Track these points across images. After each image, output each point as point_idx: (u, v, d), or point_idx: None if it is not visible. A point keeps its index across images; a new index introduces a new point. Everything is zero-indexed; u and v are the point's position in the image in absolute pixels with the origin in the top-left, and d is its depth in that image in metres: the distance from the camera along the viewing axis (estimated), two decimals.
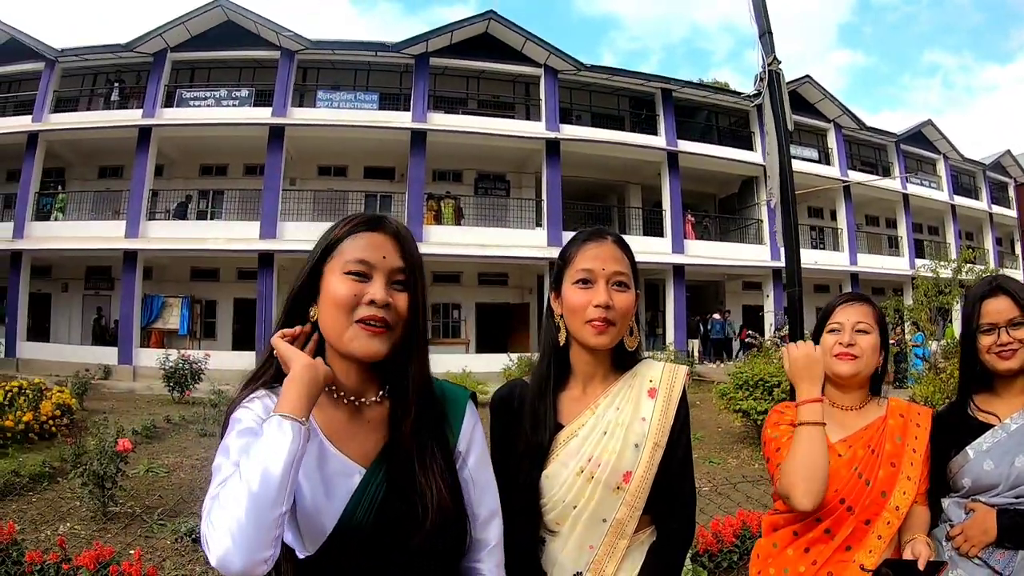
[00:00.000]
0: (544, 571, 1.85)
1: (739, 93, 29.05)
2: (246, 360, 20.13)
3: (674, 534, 1.91)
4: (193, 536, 5.56)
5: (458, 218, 23.83)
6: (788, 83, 23.41)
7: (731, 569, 5.05)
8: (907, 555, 1.98)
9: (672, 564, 1.92)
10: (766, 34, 6.26)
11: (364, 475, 1.46)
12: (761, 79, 6.42)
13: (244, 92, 22.89)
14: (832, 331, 2.24)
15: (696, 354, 25.34)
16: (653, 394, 1.91)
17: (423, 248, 12.39)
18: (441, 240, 22.01)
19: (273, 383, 1.50)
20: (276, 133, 21.89)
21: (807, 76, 29.55)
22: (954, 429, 2.28)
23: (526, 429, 1.87)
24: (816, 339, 2.29)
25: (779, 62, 6.36)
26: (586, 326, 1.82)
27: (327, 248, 1.51)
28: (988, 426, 2.23)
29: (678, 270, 24.93)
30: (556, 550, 1.84)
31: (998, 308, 2.22)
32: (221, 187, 24.17)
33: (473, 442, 1.67)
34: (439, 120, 22.85)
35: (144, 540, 5.68)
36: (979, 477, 2.15)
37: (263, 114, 22.06)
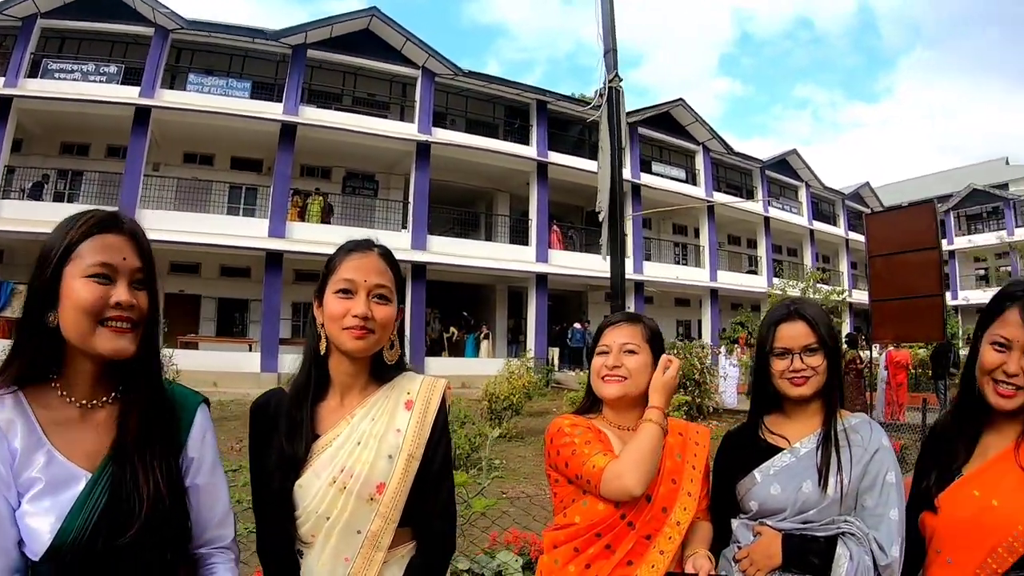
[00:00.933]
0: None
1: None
2: None
3: (432, 547, 1.94)
4: None
5: (325, 216, 23.46)
6: (660, 104, 24.35)
7: None
8: (688, 569, 2.04)
9: (432, 575, 1.95)
10: (610, 52, 6.49)
11: (89, 479, 1.47)
12: (601, 95, 6.69)
13: (113, 68, 21.69)
14: (601, 353, 2.25)
15: (555, 362, 25.86)
16: (410, 406, 1.95)
17: (284, 245, 12.58)
18: (304, 238, 21.66)
19: (15, 382, 1.50)
20: (143, 114, 20.83)
21: (680, 99, 30.84)
22: (744, 450, 2.29)
23: (282, 438, 1.87)
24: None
25: (620, 80, 6.63)
26: (344, 332, 1.85)
27: (65, 251, 1.50)
28: (778, 449, 2.22)
29: (541, 279, 25.44)
30: (312, 562, 1.84)
31: (793, 333, 2.21)
32: (81, 168, 23.00)
33: (204, 447, 1.71)
34: (311, 114, 22.49)
35: None
36: (765, 501, 2.17)
37: (131, 93, 20.89)
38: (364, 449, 1.85)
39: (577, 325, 27.05)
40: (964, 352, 17.91)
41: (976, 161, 55.40)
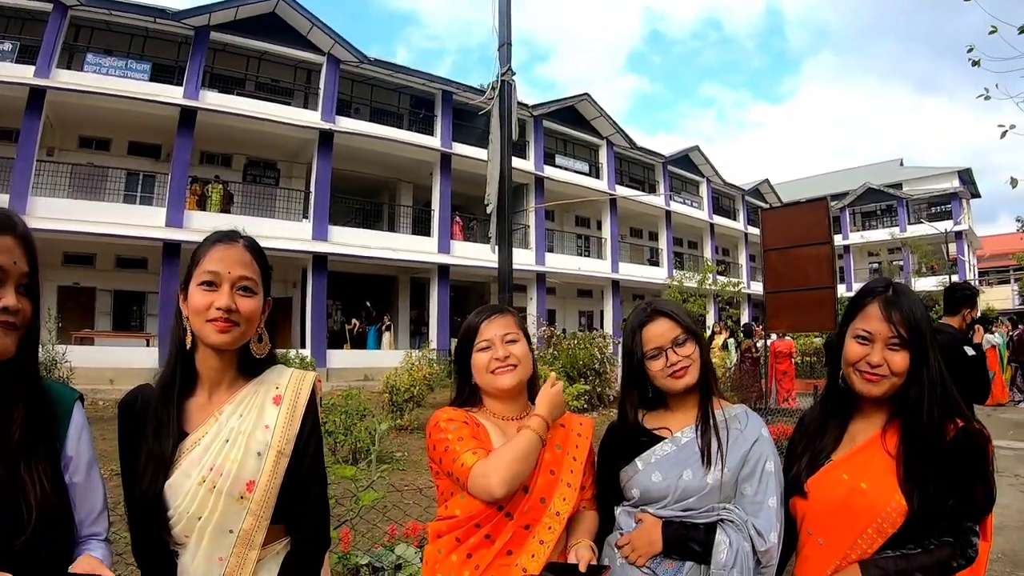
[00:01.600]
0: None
1: (522, 104, 30.34)
2: None
3: (307, 543, 1.92)
4: None
5: (225, 205, 22.83)
6: (566, 99, 24.73)
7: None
8: (571, 559, 2.05)
9: (308, 573, 1.94)
10: (504, 46, 6.59)
11: None
12: (493, 87, 6.74)
13: (7, 45, 20.54)
14: (483, 349, 2.23)
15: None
16: (278, 401, 1.93)
17: (182, 235, 13.14)
18: (203, 227, 18.48)
19: None
20: (37, 96, 19.67)
21: (585, 94, 31.43)
22: (627, 439, 2.31)
23: (148, 437, 1.81)
24: (466, 357, 2.30)
25: (513, 73, 6.74)
26: (207, 324, 1.81)
27: None
28: (660, 438, 2.26)
29: (443, 270, 25.59)
30: (187, 563, 1.80)
31: (659, 331, 2.25)
32: None
33: (81, 445, 1.68)
34: (213, 99, 21.92)
35: None
36: (647, 489, 2.20)
37: (25, 72, 19.71)
38: (233, 447, 1.82)
39: None
40: None
41: (872, 162, 57.78)
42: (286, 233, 22.44)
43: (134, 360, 19.18)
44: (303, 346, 22.58)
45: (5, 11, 21.04)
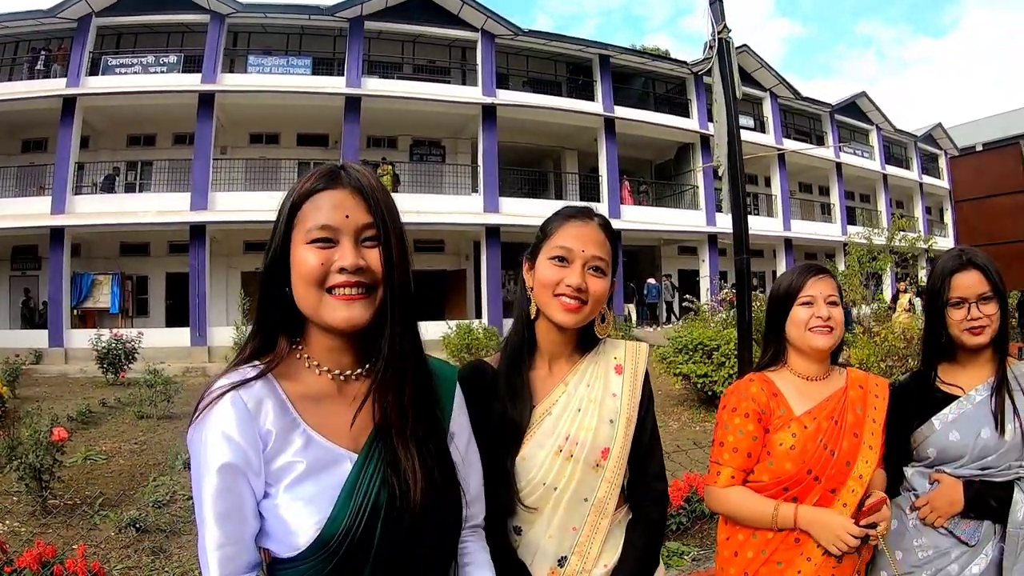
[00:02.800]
0: (520, 560, 1.81)
1: (677, 60, 29.69)
2: (180, 337, 19.87)
3: (652, 509, 1.91)
4: (137, 526, 5.45)
5: (395, 185, 22.68)
6: None
7: (680, 531, 5.15)
8: (869, 502, 2.04)
9: (654, 538, 1.92)
10: (716, 1, 6.16)
11: (356, 461, 1.35)
12: (711, 47, 6.30)
13: (172, 58, 22.02)
14: (805, 304, 2.22)
15: (632, 317, 25.57)
16: (620, 371, 1.92)
17: None
18: None
19: (256, 357, 1.40)
20: (206, 100, 21.08)
21: (745, 45, 30.02)
22: (918, 399, 2.31)
23: (503, 405, 1.81)
24: (780, 312, 2.30)
25: (729, 30, 6.28)
26: (554, 300, 1.78)
27: (289, 215, 1.37)
28: (952, 397, 2.27)
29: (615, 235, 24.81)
30: (537, 535, 1.80)
31: (969, 283, 2.23)
32: (150, 158, 23.32)
33: (463, 419, 1.62)
34: (374, 85, 22.44)
35: (87, 533, 5.52)
36: (945, 448, 2.19)
37: (192, 80, 21.19)
38: (585, 415, 1.80)
39: (651, 280, 26.79)
40: None
41: None
42: (457, 208, 22.99)
43: None
44: (479, 316, 22.84)
45: (165, 27, 22.81)
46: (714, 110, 6.51)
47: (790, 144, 32.06)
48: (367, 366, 1.44)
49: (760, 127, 31.87)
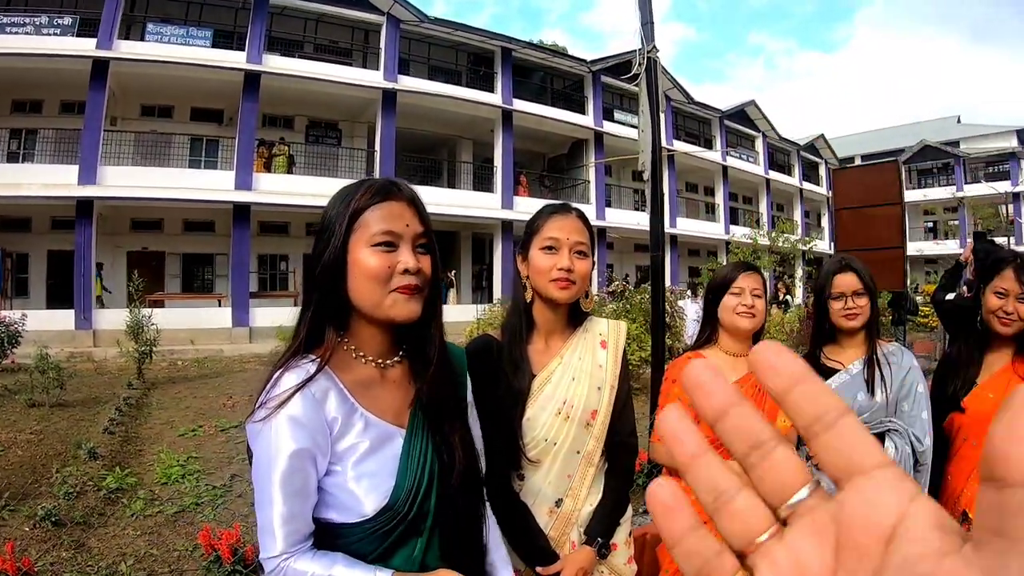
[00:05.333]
0: (523, 502, 2.15)
1: (577, 58, 30.16)
2: (63, 319, 18.47)
3: (626, 458, 2.30)
4: (53, 519, 5.30)
5: (289, 166, 22.80)
6: (624, 53, 24.25)
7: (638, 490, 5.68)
8: None
9: (627, 482, 2.34)
10: (648, 23, 6.67)
11: (405, 436, 1.57)
12: (640, 64, 6.81)
13: (67, 20, 20.19)
14: (735, 294, 2.72)
15: None
16: (604, 345, 2.28)
17: (252, 197, 12.42)
18: (271, 189, 21.09)
19: (309, 349, 1.55)
20: (100, 68, 19.56)
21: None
22: None
23: (507, 375, 2.13)
24: (715, 299, 2.80)
25: (657, 50, 6.79)
26: (551, 283, 2.10)
27: (350, 220, 1.53)
28: (835, 371, 2.88)
29: (507, 225, 25.53)
30: (538, 481, 2.14)
31: (846, 281, 2.86)
32: (35, 126, 21.50)
33: (470, 393, 1.86)
34: (275, 63, 21.78)
35: None
36: None
37: (87, 46, 19.57)
38: (578, 383, 2.17)
39: None
40: (918, 299, 18.45)
41: (928, 118, 56.73)
42: None
43: (211, 320, 19.60)
44: None
45: None
46: (640, 120, 7.09)
47: (680, 146, 33.27)
48: (401, 353, 1.66)
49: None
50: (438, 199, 23.86)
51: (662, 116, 26.09)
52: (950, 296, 3.73)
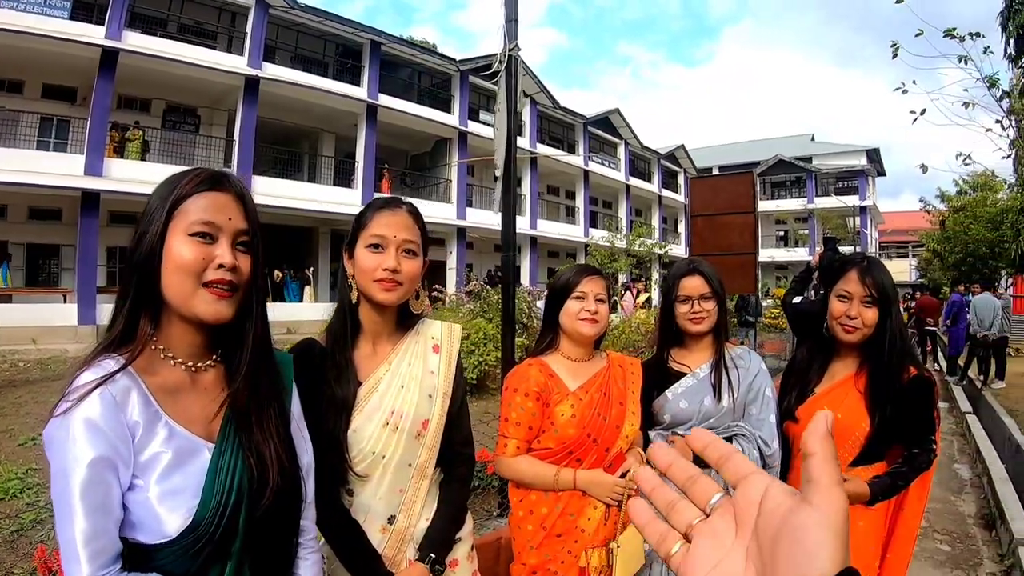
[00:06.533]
0: (354, 520, 2.03)
1: (446, 56, 30.41)
2: None
3: (461, 469, 2.26)
4: None
5: (143, 152, 21.46)
6: (492, 55, 24.34)
7: (477, 490, 6.08)
8: (626, 464, 2.60)
9: (463, 494, 2.28)
10: (512, 21, 6.63)
11: (214, 449, 1.44)
12: (501, 62, 6.78)
13: None
14: (578, 298, 2.65)
15: None
16: (437, 350, 2.20)
17: (102, 184, 15.00)
18: (123, 176, 19.50)
19: (121, 345, 1.43)
20: None
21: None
22: (656, 376, 2.87)
23: (330, 383, 2.00)
24: (557, 304, 2.73)
25: (519, 49, 6.79)
26: (375, 284, 2.00)
27: (171, 208, 1.43)
28: (683, 374, 2.84)
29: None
30: (368, 497, 2.04)
31: (693, 284, 2.82)
32: None
33: (296, 401, 1.74)
34: (135, 41, 20.48)
35: None
36: (676, 414, 2.78)
37: None
38: (408, 391, 2.09)
39: None
40: (767, 303, 20.10)
41: (784, 134, 59.74)
42: None
43: (54, 318, 18.29)
44: None
45: None
46: (496, 118, 7.09)
47: (544, 148, 34.28)
48: (215, 357, 1.54)
49: (517, 130, 33.12)
50: (297, 193, 23.66)
51: (525, 116, 26.68)
52: (797, 299, 3.72)
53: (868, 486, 2.59)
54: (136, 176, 19.44)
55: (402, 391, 2.08)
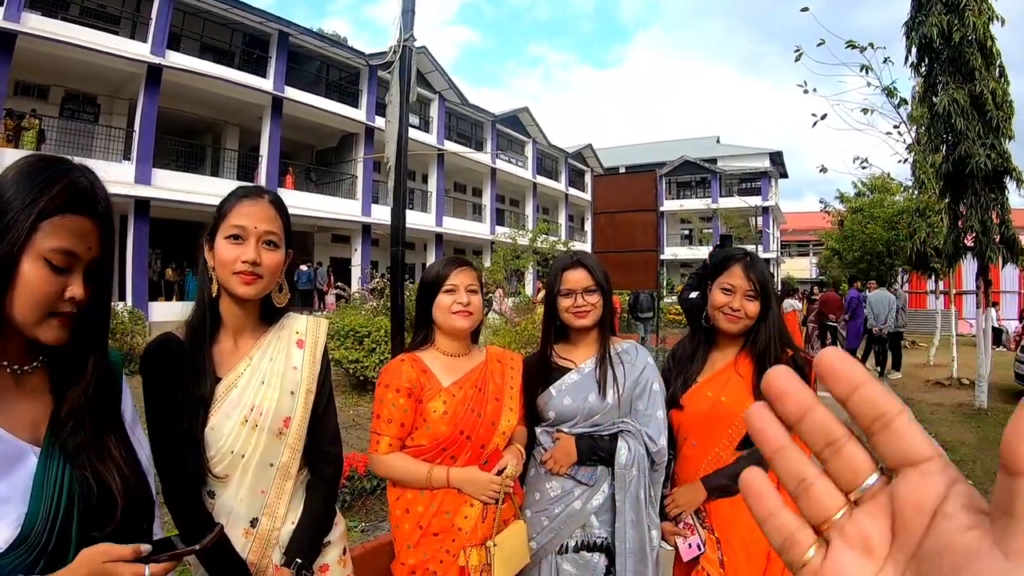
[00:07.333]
0: (217, 522, 1.85)
1: (355, 50, 30.35)
2: None
3: (327, 469, 2.17)
4: None
5: (39, 142, 20.33)
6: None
7: (345, 507, 5.71)
8: (503, 460, 2.52)
9: (330, 496, 2.20)
10: (408, 12, 6.53)
11: (40, 454, 1.35)
12: (395, 52, 6.65)
13: None
14: (448, 291, 2.56)
15: None
16: (301, 345, 2.12)
17: None
18: None
19: None
20: None
21: (423, 47, 31.56)
22: (540, 371, 2.80)
23: (187, 381, 1.91)
24: (428, 299, 2.63)
25: (414, 39, 6.72)
26: (234, 276, 1.93)
27: (36, 219, 1.31)
28: (567, 369, 2.76)
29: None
30: (229, 499, 1.95)
31: (577, 278, 2.72)
32: None
33: (129, 404, 1.63)
34: (34, 23, 19.58)
35: None
36: (561, 411, 2.70)
37: None
38: (268, 387, 2.00)
39: (304, 267, 26.76)
40: (668, 300, 20.96)
41: (691, 136, 61.13)
42: (105, 175, 18.37)
43: None
44: (123, 298, 20.71)
45: None
46: (388, 110, 6.91)
47: (451, 146, 34.75)
48: (41, 358, 1.43)
49: (425, 127, 33.85)
50: (199, 188, 22.97)
51: (433, 113, 26.67)
52: (694, 294, 3.65)
53: (703, 483, 2.68)
54: None
55: (262, 387, 2.01)
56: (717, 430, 2.67)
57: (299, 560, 2.01)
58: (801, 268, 55.38)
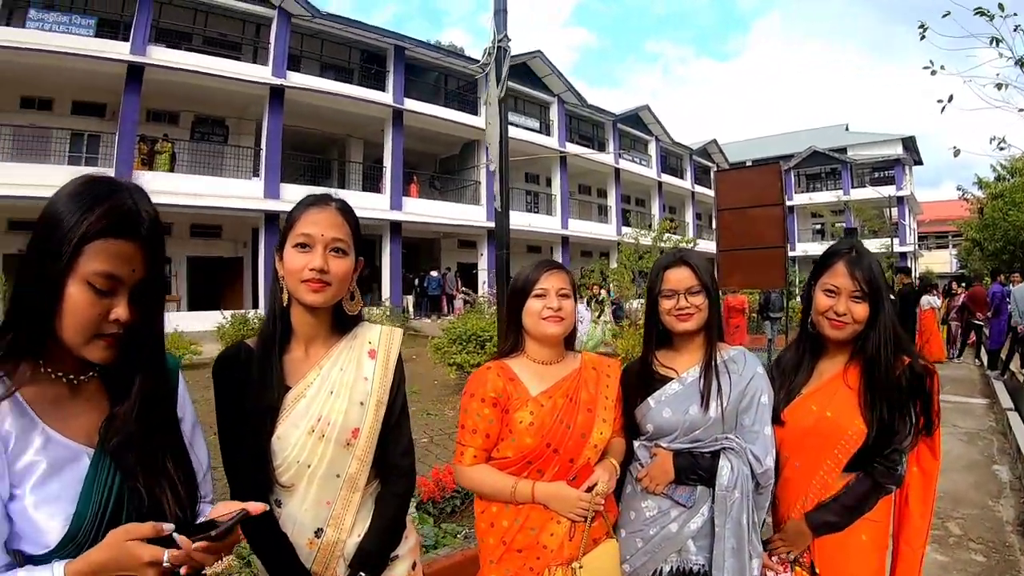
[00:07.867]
0: (282, 532, 1.94)
1: (470, 58, 30.33)
2: None
3: (399, 483, 2.13)
4: None
5: (172, 164, 22.01)
6: (519, 55, 24.48)
7: (454, 513, 5.52)
8: (594, 476, 2.34)
9: (400, 509, 2.15)
10: (500, 12, 6.45)
11: (93, 455, 1.40)
12: (490, 53, 6.56)
13: None
14: (539, 296, 2.42)
15: (411, 309, 26.33)
16: (373, 355, 2.09)
17: None
18: (153, 188, 16.98)
19: (12, 355, 1.38)
20: None
21: (538, 51, 31.74)
22: (639, 380, 2.61)
23: (255, 390, 1.92)
24: (518, 304, 2.49)
25: (509, 39, 6.58)
26: (302, 285, 1.92)
27: (78, 243, 1.33)
28: (668, 379, 2.56)
29: (396, 226, 25.77)
30: (294, 509, 1.95)
31: (679, 277, 2.53)
32: None
33: (187, 406, 1.70)
34: (160, 55, 21.22)
35: None
36: (660, 424, 2.51)
37: None
38: (338, 398, 1.98)
39: (434, 273, 27.36)
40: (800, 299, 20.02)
41: (818, 126, 58.89)
42: (236, 192, 22.31)
43: None
44: (256, 306, 22.01)
45: None
46: (488, 112, 6.84)
47: (573, 148, 34.31)
48: (94, 370, 1.48)
49: (546, 130, 33.69)
50: None
51: (554, 116, 26.44)
52: None
53: (807, 522, 2.49)
54: (166, 188, 19.78)
55: (331, 397, 1.99)
56: (822, 449, 2.48)
57: (363, 574, 1.98)
58: (941, 261, 52.51)
